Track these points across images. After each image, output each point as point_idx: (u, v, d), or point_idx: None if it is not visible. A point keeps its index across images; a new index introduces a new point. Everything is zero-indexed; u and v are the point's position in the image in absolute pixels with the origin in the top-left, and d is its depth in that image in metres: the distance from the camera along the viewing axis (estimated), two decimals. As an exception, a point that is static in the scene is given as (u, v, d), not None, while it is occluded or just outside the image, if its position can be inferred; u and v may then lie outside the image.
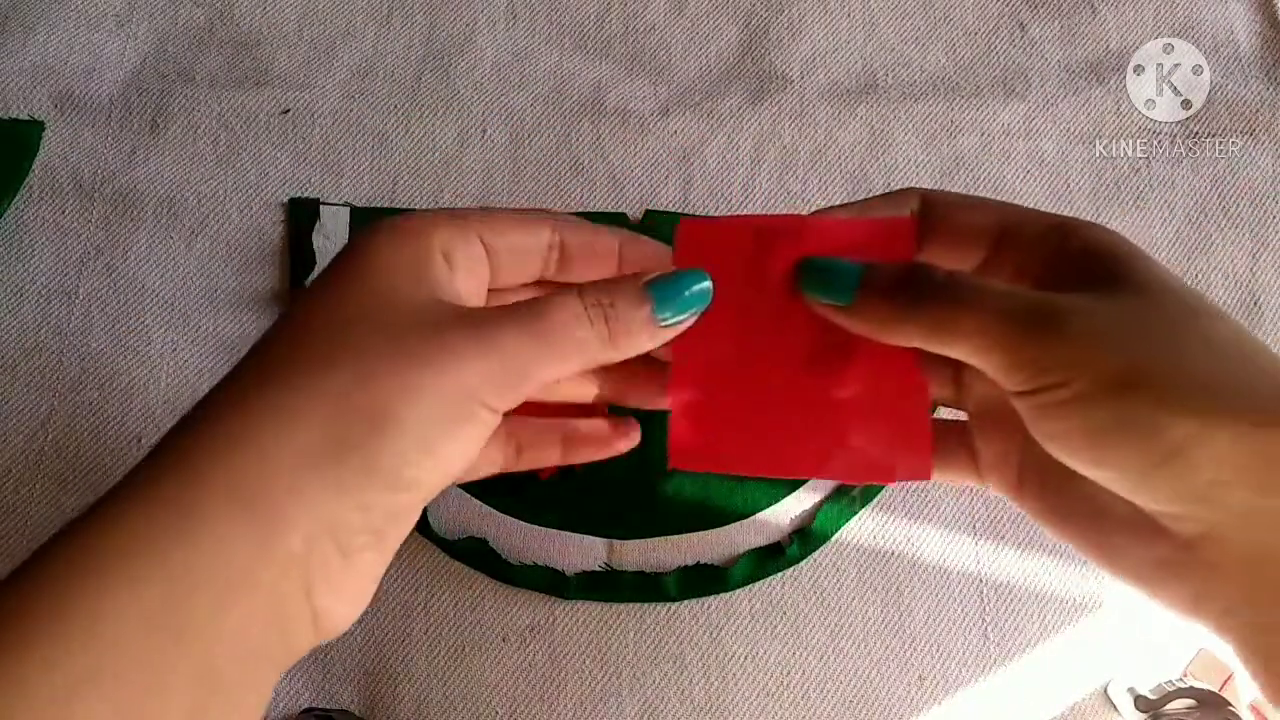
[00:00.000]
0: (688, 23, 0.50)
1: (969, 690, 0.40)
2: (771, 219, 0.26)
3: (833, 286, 0.25)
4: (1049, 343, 0.22)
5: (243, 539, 0.20)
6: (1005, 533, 0.41)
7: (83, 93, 0.47)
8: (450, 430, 0.22)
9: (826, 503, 0.42)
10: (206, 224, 0.45)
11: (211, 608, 0.19)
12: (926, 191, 0.26)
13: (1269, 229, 0.46)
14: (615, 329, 0.24)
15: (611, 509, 0.41)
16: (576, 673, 0.40)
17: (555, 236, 0.26)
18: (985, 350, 0.23)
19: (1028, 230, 0.25)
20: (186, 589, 0.19)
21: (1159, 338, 0.22)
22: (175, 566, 0.19)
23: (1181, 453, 0.21)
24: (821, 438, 0.27)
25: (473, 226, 0.25)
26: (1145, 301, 0.22)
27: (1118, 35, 0.50)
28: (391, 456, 0.21)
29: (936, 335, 0.24)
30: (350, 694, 0.39)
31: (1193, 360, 0.21)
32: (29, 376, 0.43)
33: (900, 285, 0.24)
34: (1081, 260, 0.24)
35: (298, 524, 0.20)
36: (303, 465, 0.20)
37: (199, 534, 0.19)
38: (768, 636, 0.40)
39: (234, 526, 0.20)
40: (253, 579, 0.20)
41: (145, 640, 0.19)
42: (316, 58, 0.49)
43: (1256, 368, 0.21)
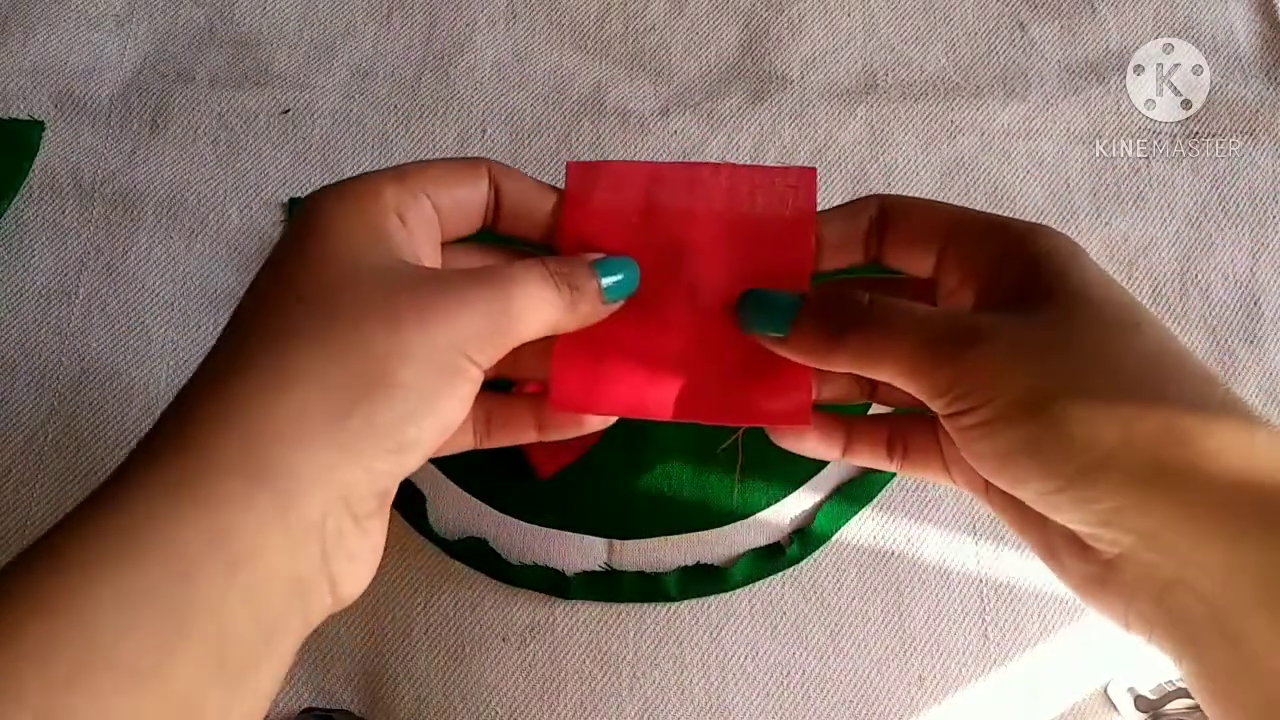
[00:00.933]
0: (688, 23, 0.50)
1: (969, 690, 0.40)
2: (666, 167, 0.27)
3: (770, 320, 0.26)
4: (962, 367, 0.23)
5: (258, 513, 0.20)
6: (1005, 533, 0.41)
7: (83, 93, 0.47)
8: (443, 388, 0.22)
9: (827, 503, 0.42)
10: (206, 224, 0.45)
11: (223, 580, 0.19)
12: (885, 196, 0.27)
13: (1269, 229, 0.46)
14: (575, 296, 0.25)
15: (611, 509, 0.41)
16: (576, 673, 0.40)
17: (491, 184, 0.27)
18: (906, 376, 0.24)
19: (973, 234, 0.25)
20: (195, 563, 0.19)
21: (1071, 360, 0.22)
22: (183, 543, 0.19)
23: (1082, 479, 0.21)
24: (706, 382, 0.27)
25: (418, 184, 0.25)
26: (1067, 317, 0.23)
27: (1118, 35, 0.50)
28: (394, 416, 0.21)
29: (863, 363, 0.24)
30: (350, 694, 0.39)
31: (1101, 384, 0.21)
32: (29, 376, 0.43)
33: (828, 315, 0.25)
34: (1019, 267, 0.24)
35: (313, 495, 0.20)
36: (310, 431, 0.20)
37: (208, 511, 0.19)
38: (768, 636, 0.40)
39: (248, 501, 0.20)
40: (269, 550, 0.20)
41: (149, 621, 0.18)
42: (316, 57, 0.49)
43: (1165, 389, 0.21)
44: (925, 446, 0.28)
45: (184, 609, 0.19)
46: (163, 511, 0.19)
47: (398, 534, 0.41)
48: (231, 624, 0.19)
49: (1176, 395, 0.21)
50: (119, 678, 0.18)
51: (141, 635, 0.18)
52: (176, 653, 0.18)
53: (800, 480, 0.42)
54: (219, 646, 0.19)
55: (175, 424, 0.21)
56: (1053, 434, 0.21)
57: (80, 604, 0.18)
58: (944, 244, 0.26)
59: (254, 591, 0.20)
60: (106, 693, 0.17)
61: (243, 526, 0.20)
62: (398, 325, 0.22)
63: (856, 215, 0.27)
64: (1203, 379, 0.22)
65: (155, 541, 0.19)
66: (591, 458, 0.42)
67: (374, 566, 0.23)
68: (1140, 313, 0.23)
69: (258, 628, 0.20)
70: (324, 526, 0.21)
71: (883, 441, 0.29)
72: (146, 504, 0.19)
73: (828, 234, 0.27)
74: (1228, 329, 0.45)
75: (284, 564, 0.20)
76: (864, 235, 0.27)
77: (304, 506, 0.20)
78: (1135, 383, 0.21)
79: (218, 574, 0.19)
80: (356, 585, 0.23)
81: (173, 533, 0.19)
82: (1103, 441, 0.21)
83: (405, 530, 0.41)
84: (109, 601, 0.18)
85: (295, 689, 0.39)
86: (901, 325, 0.24)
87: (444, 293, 0.23)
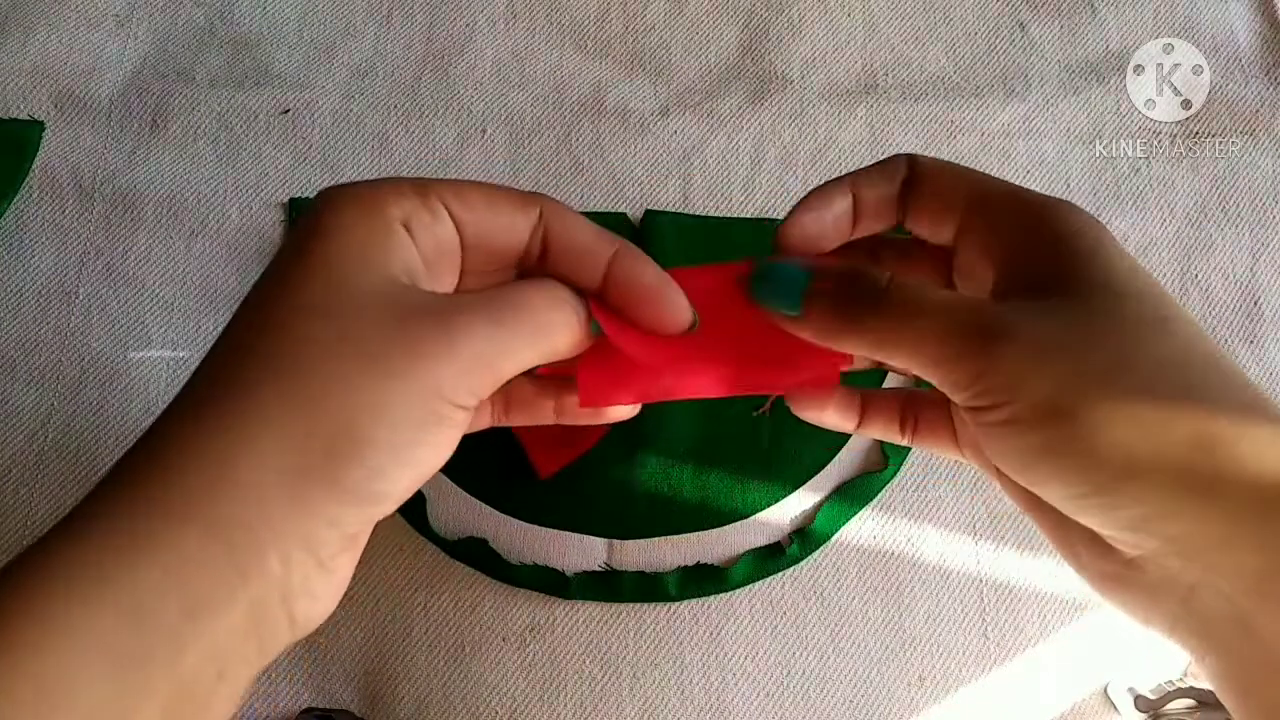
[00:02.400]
0: (688, 23, 0.50)
1: (969, 690, 0.40)
2: None
3: (780, 294, 0.25)
4: (985, 364, 0.22)
5: (215, 563, 0.19)
6: (1005, 533, 0.41)
7: (83, 93, 0.47)
8: (420, 437, 0.21)
9: (827, 503, 0.42)
10: (206, 224, 0.45)
11: (179, 622, 0.19)
12: (914, 156, 0.26)
13: (1269, 229, 0.46)
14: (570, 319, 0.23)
15: (611, 509, 0.41)
16: (576, 673, 0.40)
17: (541, 224, 0.24)
18: (925, 367, 0.23)
19: (996, 205, 0.24)
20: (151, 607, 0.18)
21: (1098, 361, 0.21)
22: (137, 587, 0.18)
23: (1107, 488, 0.21)
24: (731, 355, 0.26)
25: (442, 197, 0.23)
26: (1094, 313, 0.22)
27: (1118, 35, 0.50)
28: (360, 473, 0.20)
29: (881, 349, 0.23)
30: (350, 694, 0.39)
31: (1129, 387, 0.21)
32: (29, 376, 0.43)
33: (844, 296, 0.24)
34: (1042, 249, 0.23)
35: (271, 549, 0.20)
36: (269, 485, 0.19)
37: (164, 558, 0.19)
38: (768, 636, 0.40)
39: (205, 551, 0.19)
40: (224, 598, 0.19)
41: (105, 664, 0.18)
42: (316, 57, 0.49)
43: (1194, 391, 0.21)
44: (936, 422, 0.28)
45: (141, 651, 0.18)
46: (116, 558, 0.19)
47: (398, 534, 0.41)
48: (188, 668, 0.19)
49: (1206, 398, 0.20)
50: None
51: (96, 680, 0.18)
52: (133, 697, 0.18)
53: (800, 480, 0.42)
54: (175, 690, 0.19)
55: (143, 460, 0.20)
56: (1078, 440, 0.21)
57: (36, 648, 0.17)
58: (966, 213, 0.25)
59: (210, 637, 0.19)
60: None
61: (198, 578, 0.19)
62: (376, 370, 0.20)
63: (891, 177, 0.26)
64: (1232, 379, 0.21)
65: (111, 586, 0.18)
66: (591, 458, 0.42)
67: (338, 597, 0.22)
68: (1168, 306, 0.22)
69: (214, 667, 0.19)
70: (285, 576, 0.20)
71: (895, 415, 0.28)
72: (102, 549, 0.19)
73: (866, 196, 0.26)
74: (1228, 329, 0.45)
75: (241, 612, 0.20)
76: (897, 198, 0.26)
77: (261, 559, 0.20)
78: (1164, 385, 0.21)
79: (176, 620, 0.19)
80: (319, 617, 0.22)
81: (127, 579, 0.18)
82: (1130, 449, 0.20)
83: (405, 530, 0.41)
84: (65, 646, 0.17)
85: (295, 689, 0.39)
86: (922, 313, 0.22)
87: (432, 328, 0.21)
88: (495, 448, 0.41)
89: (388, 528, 0.39)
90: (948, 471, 0.42)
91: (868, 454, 0.43)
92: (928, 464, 0.42)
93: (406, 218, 0.22)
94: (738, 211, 0.46)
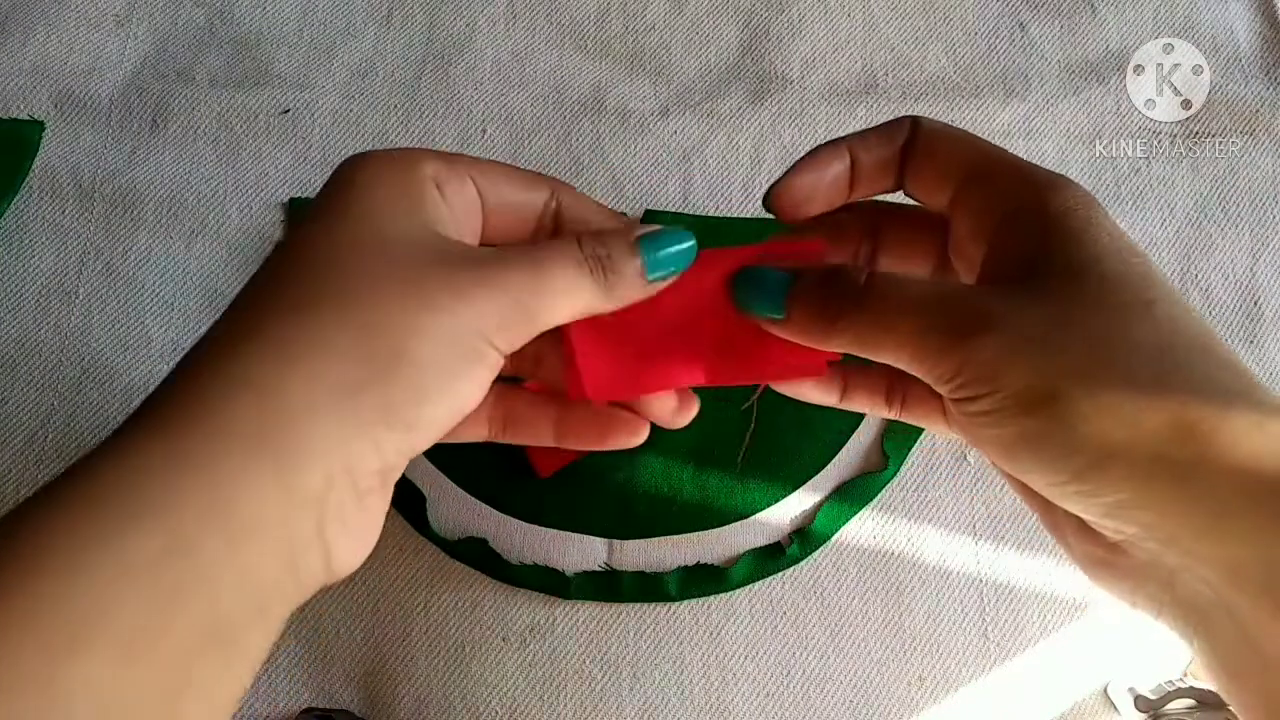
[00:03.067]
0: (688, 23, 0.50)
1: (969, 690, 0.40)
2: None
3: (764, 299, 0.25)
4: (965, 357, 0.22)
5: (260, 482, 0.19)
6: (1005, 533, 0.41)
7: (83, 93, 0.47)
8: (460, 370, 0.22)
9: (826, 503, 0.42)
10: (206, 224, 0.45)
11: (222, 553, 0.19)
12: (919, 118, 0.26)
13: (1269, 229, 0.46)
14: (612, 280, 0.24)
15: (611, 509, 0.41)
16: (576, 673, 0.40)
17: (553, 202, 0.26)
18: (907, 362, 0.23)
19: (992, 176, 0.24)
20: (194, 535, 0.18)
21: (1078, 349, 0.21)
22: (182, 512, 0.18)
23: (1086, 474, 0.21)
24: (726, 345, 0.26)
25: (466, 169, 0.24)
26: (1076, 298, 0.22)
27: (1118, 35, 0.50)
28: (408, 394, 0.21)
29: (863, 347, 0.24)
30: (350, 694, 0.39)
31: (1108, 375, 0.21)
32: (29, 376, 0.43)
33: (824, 298, 0.24)
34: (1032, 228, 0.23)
35: (318, 464, 0.20)
36: (321, 403, 0.20)
37: (210, 478, 0.19)
38: (768, 636, 0.40)
39: (251, 469, 0.19)
40: (268, 521, 0.19)
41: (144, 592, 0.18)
42: (316, 57, 0.49)
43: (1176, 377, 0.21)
44: (924, 397, 0.28)
45: (179, 583, 0.18)
46: (161, 481, 0.19)
47: (398, 534, 0.41)
48: (226, 596, 0.19)
49: (1188, 384, 0.20)
50: (108, 651, 0.17)
51: (135, 608, 0.18)
52: (170, 626, 0.18)
53: (800, 480, 0.42)
54: (212, 618, 0.19)
55: (182, 386, 0.20)
56: (1056, 430, 0.21)
57: (72, 575, 0.17)
58: (963, 180, 0.25)
59: (250, 565, 0.19)
60: (101, 663, 0.17)
61: (244, 499, 0.19)
62: (421, 301, 0.21)
63: (891, 139, 0.26)
64: (1217, 364, 0.21)
65: (152, 512, 0.18)
66: (591, 458, 0.42)
67: (370, 544, 0.22)
68: (1155, 288, 0.22)
69: (252, 599, 0.20)
70: (325, 499, 0.20)
71: (882, 390, 0.29)
72: (144, 472, 0.19)
73: (864, 159, 0.26)
74: (1228, 329, 0.45)
75: (281, 537, 0.20)
76: (897, 160, 0.26)
77: (306, 478, 0.20)
78: (1143, 372, 0.21)
79: (216, 548, 0.19)
80: (351, 560, 0.22)
81: (171, 504, 0.18)
82: (1108, 437, 0.20)
83: (405, 530, 0.41)
84: (102, 574, 0.17)
85: (295, 689, 0.39)
86: (901, 308, 0.23)
87: (473, 272, 0.22)
88: (495, 448, 0.41)
89: (388, 528, 0.39)
90: (948, 472, 0.42)
91: (868, 454, 0.43)
92: (928, 464, 0.42)
93: (437, 177, 0.23)
94: (738, 211, 0.46)
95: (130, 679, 0.18)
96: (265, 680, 0.39)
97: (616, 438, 0.28)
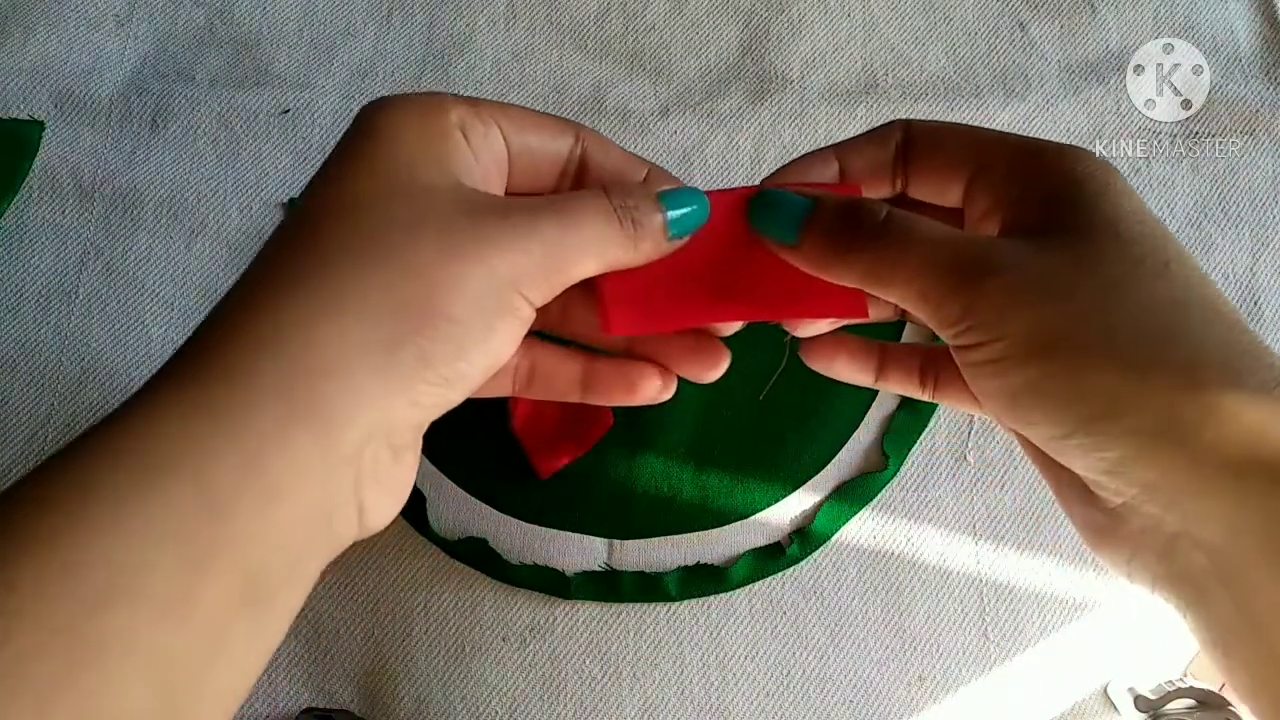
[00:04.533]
0: (688, 22, 0.50)
1: (969, 690, 0.40)
2: None
3: (780, 223, 0.24)
4: (971, 300, 0.21)
5: (296, 441, 0.19)
6: (1005, 533, 0.41)
7: (83, 92, 0.47)
8: (495, 323, 0.21)
9: (826, 503, 0.42)
10: (206, 224, 0.45)
11: (256, 513, 0.18)
12: (910, 122, 0.26)
13: (1269, 229, 0.46)
14: (639, 232, 0.23)
15: (611, 509, 0.41)
16: (576, 673, 0.40)
17: (578, 148, 0.25)
18: (915, 301, 0.23)
19: (1004, 160, 0.24)
20: (229, 494, 0.18)
21: (1087, 298, 0.21)
22: (216, 471, 0.18)
23: (1089, 426, 0.20)
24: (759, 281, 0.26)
25: (491, 115, 0.23)
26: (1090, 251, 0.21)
27: (1118, 35, 0.50)
28: (446, 349, 0.20)
29: (872, 281, 0.23)
30: (350, 694, 0.39)
31: (1117, 326, 0.20)
32: (29, 376, 0.43)
33: (840, 226, 0.23)
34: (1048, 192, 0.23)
35: (355, 423, 0.20)
36: (356, 360, 0.20)
37: (242, 437, 0.18)
38: (768, 636, 0.40)
39: (288, 428, 0.19)
40: (303, 480, 0.19)
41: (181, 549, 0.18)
42: (316, 57, 0.49)
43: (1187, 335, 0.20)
44: (957, 377, 0.27)
45: (213, 542, 0.18)
46: (197, 440, 0.18)
47: (398, 534, 0.41)
48: (260, 555, 0.19)
49: (1198, 343, 0.20)
50: (144, 607, 0.17)
51: (168, 567, 0.17)
52: (203, 586, 0.18)
53: (800, 480, 0.42)
54: (246, 577, 0.19)
55: (213, 344, 0.20)
56: (1061, 378, 0.20)
57: (108, 529, 0.17)
58: (973, 173, 0.24)
59: (285, 524, 0.19)
60: (133, 620, 0.17)
61: (280, 459, 0.19)
62: (453, 253, 0.21)
63: (883, 142, 0.26)
64: (1229, 326, 0.21)
65: (188, 471, 0.18)
66: (591, 458, 0.42)
67: (403, 500, 0.22)
68: (1172, 250, 0.22)
69: (286, 557, 0.19)
70: (360, 456, 0.20)
71: (915, 370, 0.28)
72: (180, 430, 0.18)
73: (854, 165, 0.26)
74: (1228, 329, 0.45)
75: (317, 495, 0.19)
76: (891, 164, 0.26)
77: (344, 437, 0.20)
78: (1153, 327, 0.20)
79: (252, 509, 0.18)
80: (384, 516, 0.22)
81: (207, 463, 0.18)
82: (1113, 389, 0.20)
83: (405, 530, 0.41)
84: (138, 531, 0.17)
85: (295, 689, 0.39)
86: (915, 246, 0.22)
87: (504, 223, 0.21)
88: (495, 448, 0.41)
89: (388, 528, 0.39)
90: (948, 471, 0.42)
91: (868, 454, 0.43)
92: (928, 464, 0.42)
93: (462, 124, 0.23)
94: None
95: (165, 636, 0.17)
96: (265, 680, 0.39)
97: (645, 390, 0.27)
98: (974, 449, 0.42)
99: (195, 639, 0.18)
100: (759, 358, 0.43)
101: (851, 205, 0.23)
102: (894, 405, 0.43)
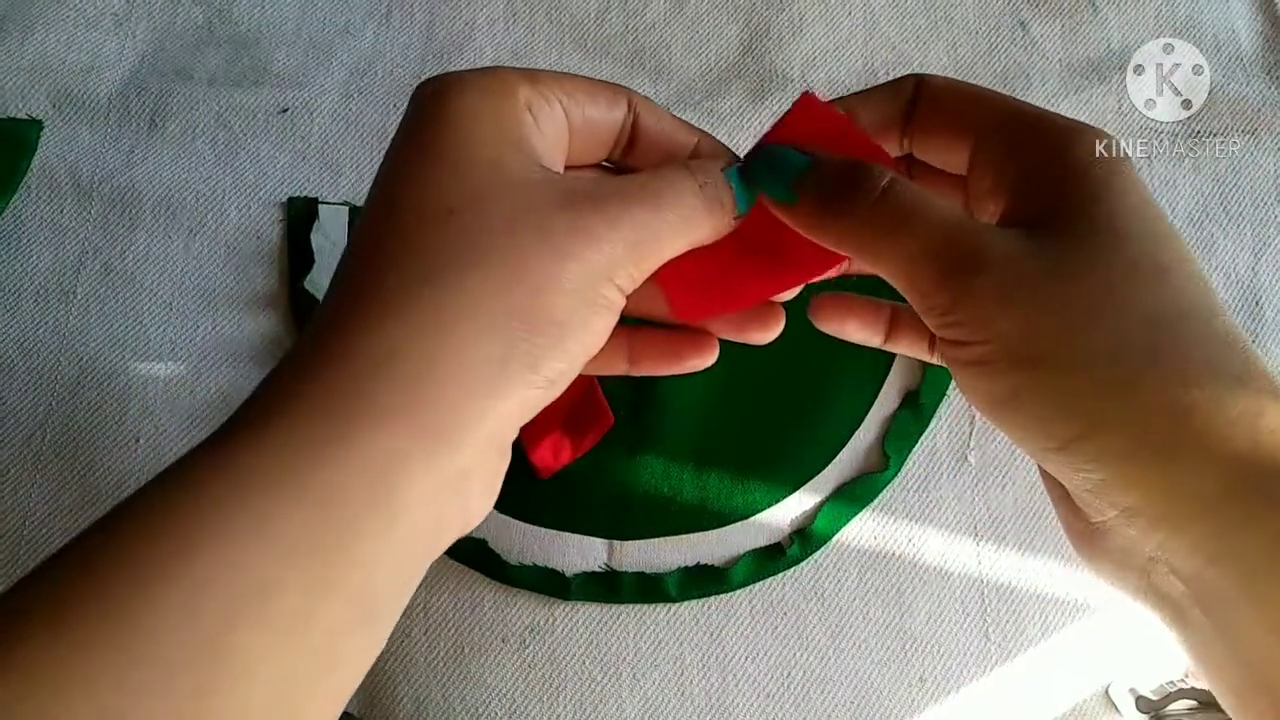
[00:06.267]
0: (688, 21, 0.50)
1: (970, 691, 0.40)
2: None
3: (775, 179, 0.23)
4: (958, 295, 0.20)
5: (418, 464, 0.19)
6: (1006, 534, 0.41)
7: (81, 92, 0.47)
8: (591, 319, 0.21)
9: (827, 503, 0.42)
10: (205, 223, 0.45)
11: (378, 534, 0.18)
12: (925, 76, 0.24)
13: (1270, 229, 0.46)
14: (714, 209, 0.23)
15: (611, 509, 0.41)
16: (576, 673, 0.39)
17: (630, 116, 0.25)
18: (902, 283, 0.22)
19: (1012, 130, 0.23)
20: (353, 520, 0.18)
21: (1078, 306, 0.20)
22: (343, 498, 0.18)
23: (1070, 447, 0.20)
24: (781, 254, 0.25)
25: (551, 89, 0.23)
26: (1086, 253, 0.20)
27: (1118, 34, 0.50)
28: (552, 352, 0.20)
29: (861, 254, 0.22)
30: (349, 695, 0.39)
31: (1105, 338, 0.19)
32: (27, 376, 0.43)
33: (836, 189, 0.22)
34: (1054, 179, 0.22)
35: (471, 440, 0.19)
36: (472, 376, 0.19)
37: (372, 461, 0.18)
38: (768, 637, 0.40)
39: (409, 451, 0.19)
40: (423, 500, 0.19)
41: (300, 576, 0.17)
42: (315, 56, 0.49)
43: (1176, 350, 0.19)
44: None
45: (336, 564, 0.18)
46: (322, 461, 0.18)
47: (397, 534, 0.41)
48: (380, 575, 0.19)
49: (1186, 361, 0.19)
50: (266, 632, 0.17)
51: (290, 589, 0.17)
52: (325, 607, 0.18)
53: (801, 481, 0.42)
54: (364, 597, 0.18)
55: (325, 362, 0.19)
56: (1045, 393, 0.20)
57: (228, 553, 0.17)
58: (982, 137, 0.23)
59: (404, 545, 0.19)
60: (255, 648, 0.17)
61: (406, 478, 0.18)
62: (555, 250, 0.20)
63: (894, 97, 0.24)
64: (1221, 343, 0.20)
65: (314, 492, 0.18)
66: (591, 458, 0.41)
67: (497, 493, 0.22)
68: (1172, 253, 0.21)
69: (401, 576, 0.19)
70: (474, 471, 0.20)
71: (925, 334, 0.27)
72: (307, 450, 0.18)
73: (864, 118, 0.25)
74: (1229, 329, 0.45)
75: (432, 512, 0.19)
76: (900, 121, 0.24)
77: (462, 454, 0.19)
78: (1143, 341, 0.19)
79: (379, 529, 0.18)
80: (483, 513, 0.22)
81: (334, 484, 0.18)
82: (1095, 411, 0.19)
83: (404, 530, 0.41)
84: (258, 553, 0.17)
85: (294, 690, 0.39)
86: (910, 224, 0.21)
87: (597, 213, 0.21)
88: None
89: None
90: (949, 472, 0.42)
91: (868, 454, 0.42)
92: (929, 465, 0.42)
93: (529, 103, 0.22)
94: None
95: (281, 657, 0.17)
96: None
97: (689, 358, 0.27)
98: (975, 449, 0.42)
99: (312, 657, 0.18)
100: (760, 357, 0.43)
101: (850, 167, 0.22)
102: (895, 405, 0.43)
